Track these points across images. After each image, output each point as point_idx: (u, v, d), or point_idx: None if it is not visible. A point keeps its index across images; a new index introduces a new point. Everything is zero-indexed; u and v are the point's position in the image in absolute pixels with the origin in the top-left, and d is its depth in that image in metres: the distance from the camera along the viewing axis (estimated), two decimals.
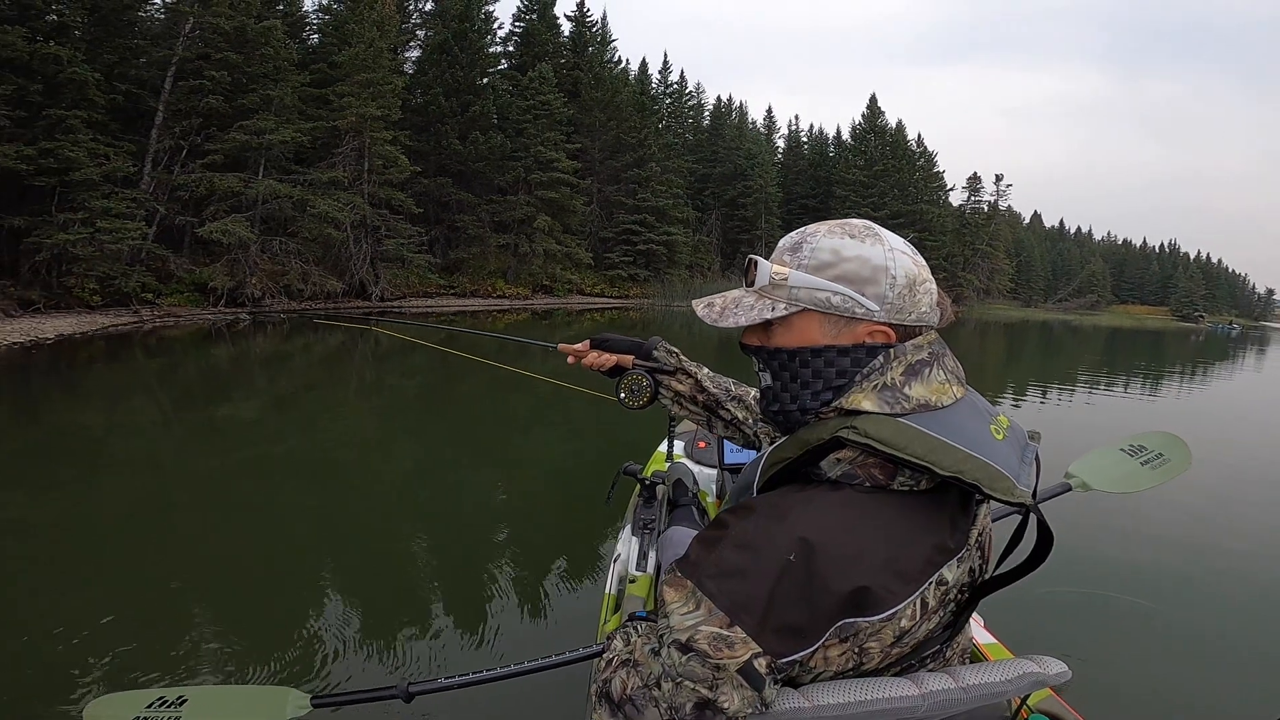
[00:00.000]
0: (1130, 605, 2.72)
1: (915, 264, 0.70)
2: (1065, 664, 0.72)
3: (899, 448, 0.62)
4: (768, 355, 0.74)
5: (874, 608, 0.61)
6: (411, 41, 28.43)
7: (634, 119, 31.71)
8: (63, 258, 13.98)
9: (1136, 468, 1.34)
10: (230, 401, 7.33)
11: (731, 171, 39.70)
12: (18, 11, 13.65)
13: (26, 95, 13.57)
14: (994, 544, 0.76)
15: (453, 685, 0.93)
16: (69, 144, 13.77)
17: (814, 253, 0.70)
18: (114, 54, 15.95)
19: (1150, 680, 2.20)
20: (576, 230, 29.20)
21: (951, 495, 0.67)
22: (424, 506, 3.91)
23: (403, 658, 2.24)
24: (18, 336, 11.33)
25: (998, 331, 26.21)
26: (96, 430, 5.89)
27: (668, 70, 43.93)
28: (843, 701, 0.63)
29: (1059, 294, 70.81)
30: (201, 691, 0.95)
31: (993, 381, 10.83)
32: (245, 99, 17.40)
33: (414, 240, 21.79)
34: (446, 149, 24.82)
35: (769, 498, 0.68)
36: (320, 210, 18.03)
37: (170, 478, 4.43)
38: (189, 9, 16.66)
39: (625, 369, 1.15)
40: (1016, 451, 0.69)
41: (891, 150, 43.71)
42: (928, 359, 0.70)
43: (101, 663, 2.15)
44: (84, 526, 3.42)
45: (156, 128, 16.51)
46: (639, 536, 1.87)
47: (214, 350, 12.01)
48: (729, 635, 0.59)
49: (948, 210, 47.71)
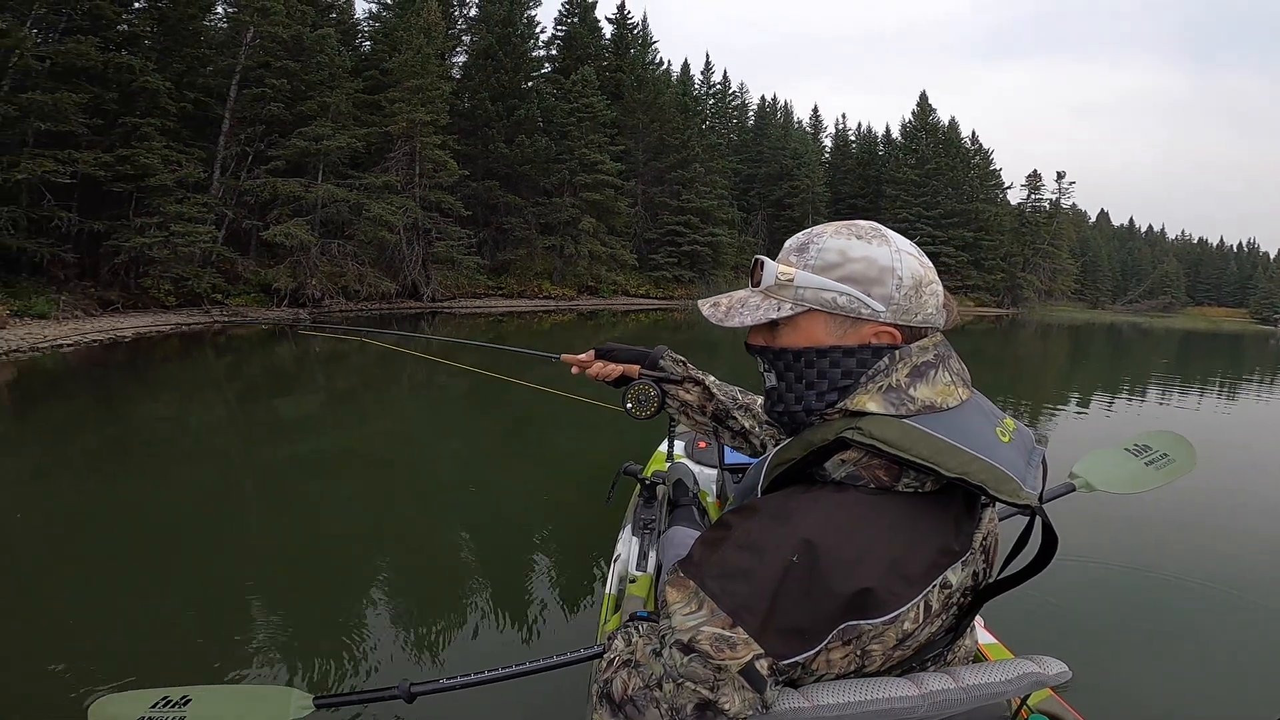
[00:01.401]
0: (1130, 605, 2.75)
1: (922, 265, 0.71)
2: (1065, 664, 0.72)
3: (904, 449, 0.62)
4: (773, 355, 0.74)
5: (877, 610, 0.61)
6: (458, 47, 29.28)
7: (677, 120, 31.99)
8: (140, 260, 14.85)
9: (1141, 468, 1.34)
10: (289, 398, 7.72)
11: (777, 171, 39.50)
12: (90, 21, 14.56)
13: (103, 104, 14.46)
14: (999, 547, 0.76)
15: (454, 686, 0.94)
16: (144, 151, 14.64)
17: (820, 253, 0.70)
18: (182, 63, 16.88)
19: (1150, 680, 2.21)
20: (621, 232, 29.48)
21: (956, 498, 0.67)
22: (425, 507, 3.97)
23: (403, 658, 2.27)
24: (98, 335, 12.08)
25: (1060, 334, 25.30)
26: (169, 424, 6.27)
27: (710, 70, 44.11)
28: (843, 702, 0.63)
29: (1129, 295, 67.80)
30: (205, 691, 0.96)
31: (1052, 387, 10.44)
32: (304, 106, 18.23)
33: (463, 242, 22.43)
34: (493, 152, 25.46)
35: (773, 499, 0.69)
36: (375, 213, 18.71)
37: (223, 472, 4.68)
38: (249, 18, 17.56)
39: (631, 379, 1.16)
40: (1023, 454, 0.69)
41: (944, 148, 42.80)
42: (933, 361, 0.70)
43: (111, 658, 2.23)
44: (133, 519, 3.62)
45: (224, 135, 17.42)
46: (639, 537, 1.88)
47: (277, 349, 12.59)
48: (731, 636, 0.59)
49: (1005, 209, 46.27)
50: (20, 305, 12.54)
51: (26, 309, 12.58)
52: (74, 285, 14.65)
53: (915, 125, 44.19)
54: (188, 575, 2.88)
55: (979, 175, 44.50)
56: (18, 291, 13.11)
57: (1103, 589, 2.85)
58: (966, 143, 45.48)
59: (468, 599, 2.69)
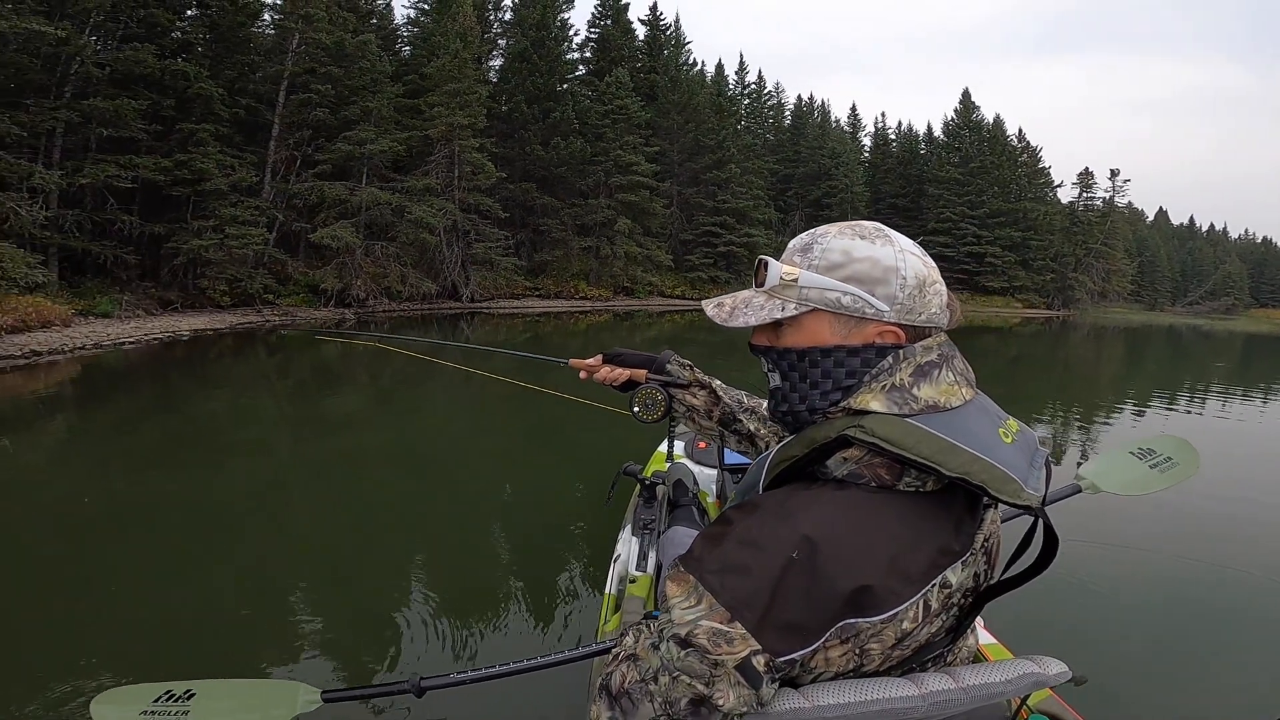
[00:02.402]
0: (1131, 605, 2.76)
1: (925, 265, 0.72)
2: (1065, 664, 0.72)
3: (906, 448, 0.63)
4: (777, 355, 0.75)
5: (875, 608, 0.61)
6: (494, 51, 29.83)
7: (712, 120, 32.00)
8: (197, 261, 15.54)
9: (1146, 471, 1.36)
10: (335, 395, 7.93)
11: (815, 171, 39.06)
12: (146, 29, 15.27)
13: (160, 110, 15.16)
14: (1001, 548, 0.77)
15: (464, 680, 0.94)
16: (200, 156, 15.31)
17: (824, 253, 0.71)
18: (233, 70, 17.59)
19: (1151, 680, 2.23)
20: (656, 233, 29.56)
21: (958, 498, 0.67)
22: (430, 507, 4.01)
23: (402, 654, 2.28)
24: (159, 333, 12.64)
25: (1114, 336, 24.35)
26: (223, 419, 6.53)
27: (744, 70, 43.97)
28: (843, 701, 0.64)
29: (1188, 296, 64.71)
30: (210, 685, 0.95)
31: (1105, 393, 10.04)
32: (348, 110, 18.82)
33: (501, 244, 22.85)
34: (530, 155, 25.85)
35: (774, 496, 0.69)
36: (416, 216, 19.18)
37: (252, 467, 4.84)
38: (294, 25, 18.20)
39: (638, 383, 1.17)
40: (1025, 455, 0.69)
41: (989, 146, 41.61)
42: (937, 360, 0.71)
43: (127, 647, 2.30)
44: (164, 511, 3.76)
45: (274, 139, 18.10)
46: (639, 537, 1.88)
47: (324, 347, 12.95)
48: (729, 631, 0.60)
49: (1056, 207, 44.66)
50: (85, 305, 13.20)
51: (91, 308, 13.24)
52: (136, 286, 15.38)
53: (958, 123, 43.14)
54: (210, 567, 2.99)
55: (1027, 173, 43.09)
56: (83, 291, 13.82)
57: (1103, 589, 2.87)
58: (1013, 140, 44.11)
59: (467, 598, 2.72)
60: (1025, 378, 11.87)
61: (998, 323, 28.35)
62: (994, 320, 29.84)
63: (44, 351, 9.93)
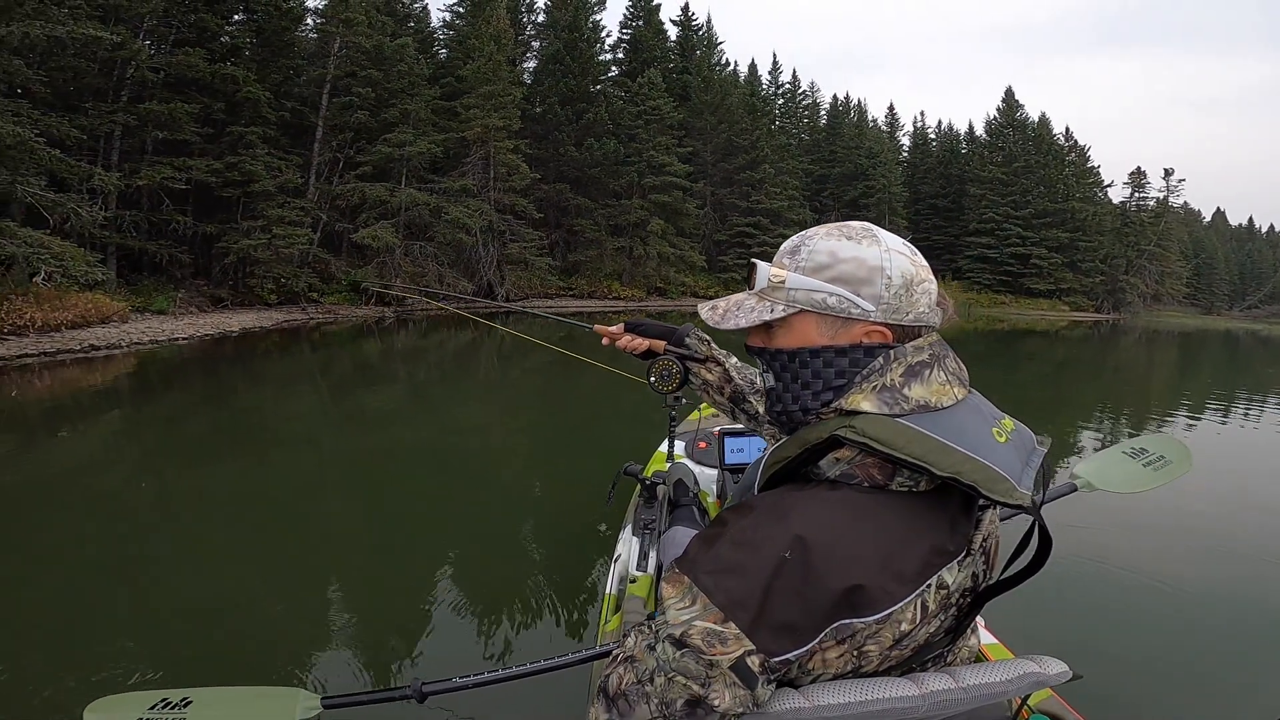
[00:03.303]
0: (1131, 605, 2.77)
1: (914, 265, 0.72)
2: (1065, 664, 0.73)
3: (897, 447, 0.63)
4: (769, 356, 0.77)
5: (869, 608, 0.62)
6: (528, 53, 30.19)
7: (745, 121, 32.02)
8: (246, 261, 16.15)
9: (1140, 469, 1.38)
10: (357, 393, 8.08)
11: (851, 171, 38.54)
12: (196, 34, 15.87)
13: (212, 113, 15.78)
14: (1000, 548, 0.77)
15: (466, 685, 0.93)
16: (249, 158, 15.91)
17: (811, 255, 0.72)
18: (279, 73, 18.24)
19: (1151, 680, 2.24)
20: (690, 233, 29.53)
21: (953, 497, 0.67)
22: (427, 507, 4.01)
23: (403, 659, 2.28)
24: (210, 330, 13.12)
25: (1167, 341, 23.41)
26: (269, 413, 6.74)
27: (778, 70, 43.68)
28: (843, 701, 0.64)
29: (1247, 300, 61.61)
30: (207, 693, 0.93)
31: (1157, 398, 9.65)
32: (387, 113, 19.32)
33: (535, 244, 23.18)
34: (564, 156, 26.19)
35: (768, 496, 0.70)
36: (453, 216, 19.60)
37: (301, 461, 4.95)
38: (335, 29, 18.73)
39: (657, 354, 1.20)
40: (1020, 455, 0.70)
41: (1034, 145, 40.32)
42: (928, 360, 0.71)
43: (129, 651, 2.29)
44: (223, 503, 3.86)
45: (318, 142, 18.70)
46: (640, 537, 1.89)
47: (365, 344, 13.22)
48: (722, 631, 0.60)
49: (1106, 208, 43.00)
50: (142, 302, 13.77)
51: (147, 305, 13.79)
52: (189, 284, 16.01)
53: (1001, 122, 42.03)
54: (223, 566, 3.02)
55: (1075, 173, 41.59)
56: (140, 289, 14.42)
57: (1104, 589, 2.89)
58: (1059, 139, 42.56)
59: (468, 600, 2.72)
60: (1072, 382, 11.40)
61: (1043, 326, 27.47)
62: (1039, 324, 28.93)
63: (102, 346, 10.36)
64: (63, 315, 10.70)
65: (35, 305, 10.36)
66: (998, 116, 42.85)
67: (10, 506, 3.71)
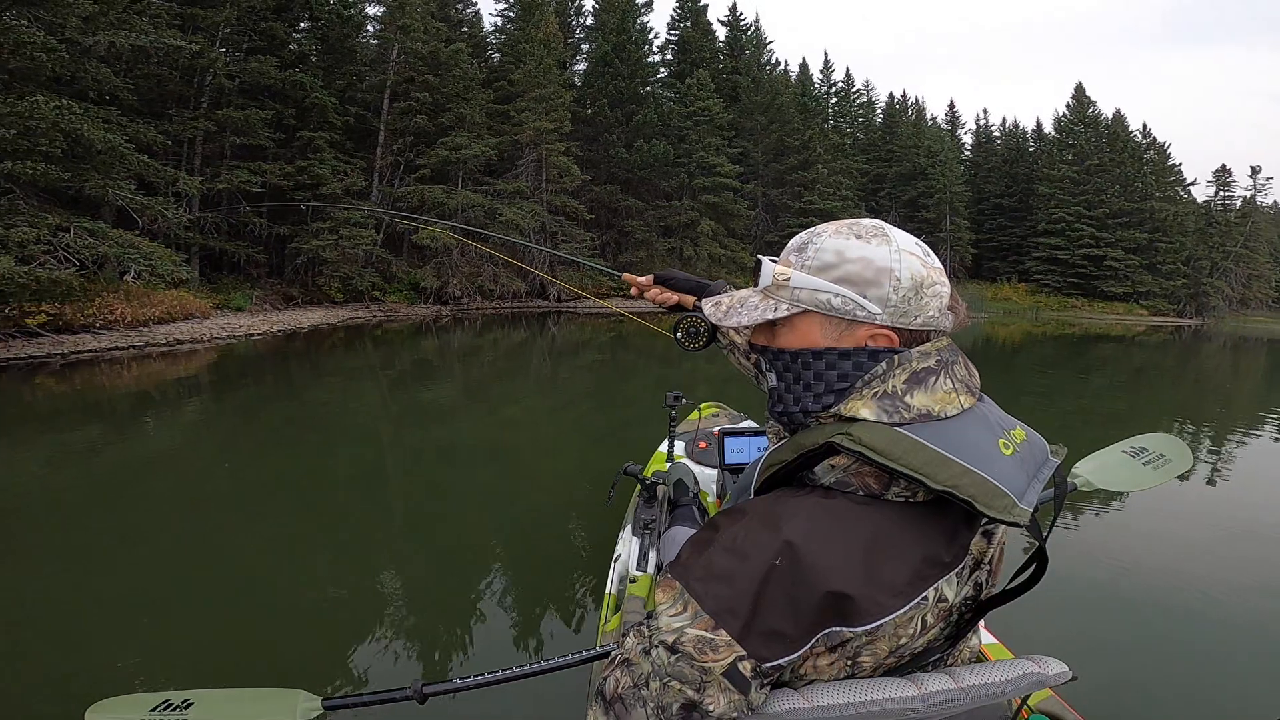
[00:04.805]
0: (1131, 605, 2.78)
1: (925, 266, 0.71)
2: (1065, 664, 0.73)
3: (893, 458, 0.63)
4: (772, 356, 0.76)
5: (859, 618, 0.62)
6: (577, 56, 30.65)
7: (797, 120, 31.93)
8: (315, 260, 16.95)
9: (1138, 468, 1.40)
10: (432, 386, 8.41)
11: (909, 171, 37.66)
12: (266, 41, 16.87)
13: (283, 119, 16.78)
14: (1005, 558, 0.77)
15: (467, 686, 0.93)
16: (317, 162, 16.95)
17: (818, 253, 0.71)
18: (343, 80, 19.28)
19: (1151, 680, 2.26)
20: (741, 234, 29.44)
21: (953, 508, 0.66)
22: (426, 508, 4.05)
23: (402, 659, 2.31)
24: (282, 326, 13.87)
25: (1255, 349, 21.98)
26: (334, 406, 7.14)
27: (830, 69, 43.07)
28: (842, 702, 0.65)
29: None
30: (208, 694, 0.94)
31: (1243, 410, 9.00)
32: (443, 117, 20.13)
33: (586, 245, 23.79)
34: (614, 157, 26.74)
35: (761, 502, 0.70)
36: (507, 218, 20.31)
37: (359, 453, 5.08)
38: (393, 35, 19.57)
39: (685, 309, 1.19)
40: (1026, 468, 0.69)
41: (1108, 142, 38.11)
42: (935, 366, 0.70)
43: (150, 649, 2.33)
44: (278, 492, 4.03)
45: (380, 146, 19.59)
46: (640, 537, 1.90)
47: (423, 342, 13.57)
48: (713, 638, 0.61)
49: (1188, 207, 40.22)
50: (222, 299, 14.65)
51: (227, 303, 14.68)
52: (264, 282, 17.02)
53: (1071, 119, 40.18)
54: (256, 559, 3.10)
55: (1154, 171, 39.06)
56: (220, 287, 15.37)
57: (1103, 589, 2.91)
58: (1136, 136, 40.02)
59: (468, 600, 2.76)
60: (1148, 392, 10.65)
61: (1119, 331, 26.09)
62: (1115, 328, 27.51)
63: (185, 340, 11.03)
64: (150, 311, 11.43)
65: (125, 302, 11.11)
66: (1067, 113, 41.04)
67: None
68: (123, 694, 0.92)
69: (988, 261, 40.59)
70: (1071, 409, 7.96)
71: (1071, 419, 7.23)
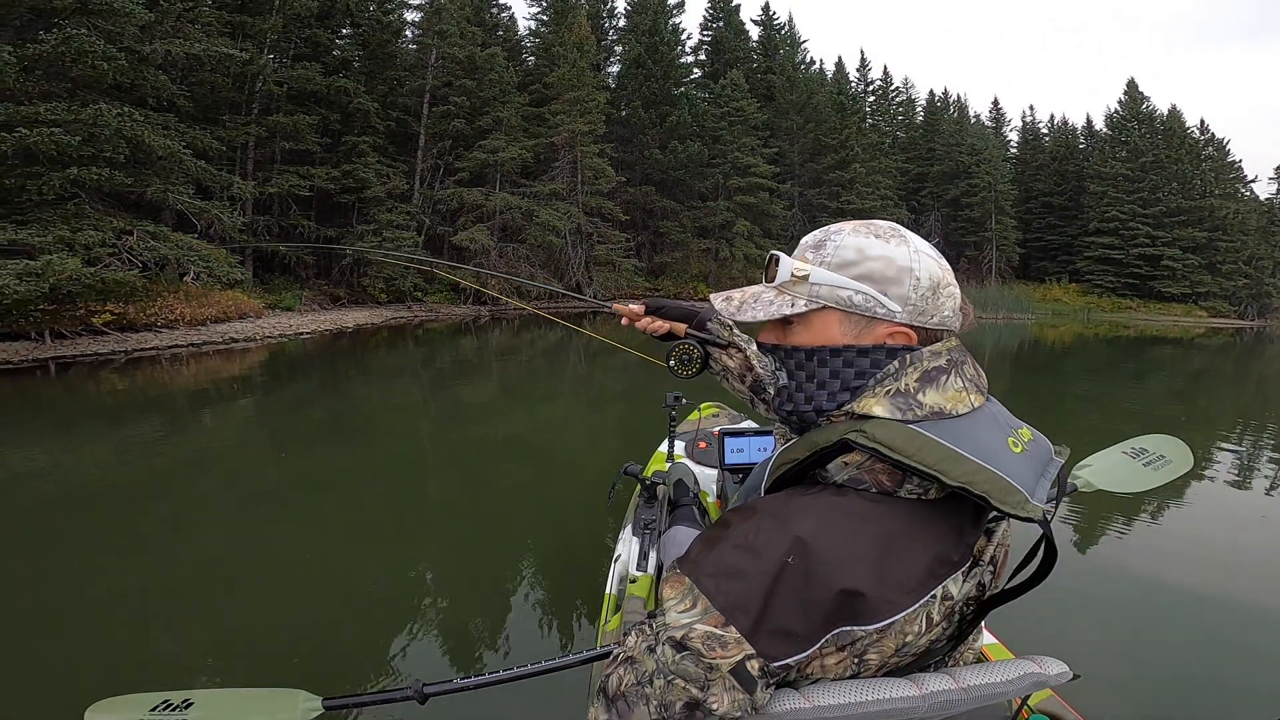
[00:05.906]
0: (1131, 605, 2.79)
1: (940, 267, 0.72)
2: (1065, 664, 0.73)
3: (908, 454, 0.63)
4: (785, 354, 0.75)
5: (870, 616, 0.62)
6: (610, 58, 31.01)
7: (833, 119, 31.73)
8: (360, 262, 17.45)
9: (1139, 469, 1.39)
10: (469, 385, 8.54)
11: (952, 169, 36.90)
12: (311, 48, 17.54)
13: (329, 124, 17.47)
14: (1009, 557, 0.78)
15: (468, 686, 0.93)
16: (361, 166, 17.64)
17: (838, 250, 0.71)
18: (385, 85, 19.90)
19: (1151, 680, 2.27)
20: (777, 235, 29.29)
21: (963, 506, 0.67)
22: (426, 508, 4.05)
23: (403, 658, 2.30)
24: (328, 325, 14.35)
25: None
26: (376, 403, 7.27)
27: (866, 67, 42.53)
28: (842, 702, 0.65)
29: None
30: (208, 694, 0.94)
31: None
32: (481, 121, 20.66)
33: (622, 246, 24.12)
34: (649, 159, 27.08)
35: (773, 499, 0.70)
36: (543, 219, 20.77)
37: (396, 450, 5.17)
38: (431, 41, 20.12)
39: (678, 337, 1.19)
40: (1035, 466, 0.70)
41: (1164, 139, 36.42)
42: (946, 366, 0.71)
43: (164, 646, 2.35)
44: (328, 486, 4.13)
45: (420, 149, 20.23)
46: (640, 537, 1.90)
47: (462, 341, 13.79)
48: (723, 635, 0.61)
49: (1251, 205, 38.11)
50: (274, 299, 15.26)
51: (278, 303, 15.31)
52: (312, 283, 17.71)
53: (1124, 115, 38.57)
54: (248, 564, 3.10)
55: (1214, 168, 37.13)
56: (272, 288, 16.05)
57: (1104, 589, 2.92)
58: (1194, 132, 38.08)
59: (468, 600, 2.76)
60: (1207, 396, 10.08)
61: (1176, 333, 25.04)
62: (1172, 330, 26.43)
63: (239, 339, 11.49)
64: (208, 311, 11.95)
65: (184, 302, 11.63)
66: (1119, 110, 39.53)
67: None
68: (123, 694, 0.92)
69: (1036, 261, 39.71)
70: (1121, 416, 7.56)
71: (1121, 425, 6.85)
